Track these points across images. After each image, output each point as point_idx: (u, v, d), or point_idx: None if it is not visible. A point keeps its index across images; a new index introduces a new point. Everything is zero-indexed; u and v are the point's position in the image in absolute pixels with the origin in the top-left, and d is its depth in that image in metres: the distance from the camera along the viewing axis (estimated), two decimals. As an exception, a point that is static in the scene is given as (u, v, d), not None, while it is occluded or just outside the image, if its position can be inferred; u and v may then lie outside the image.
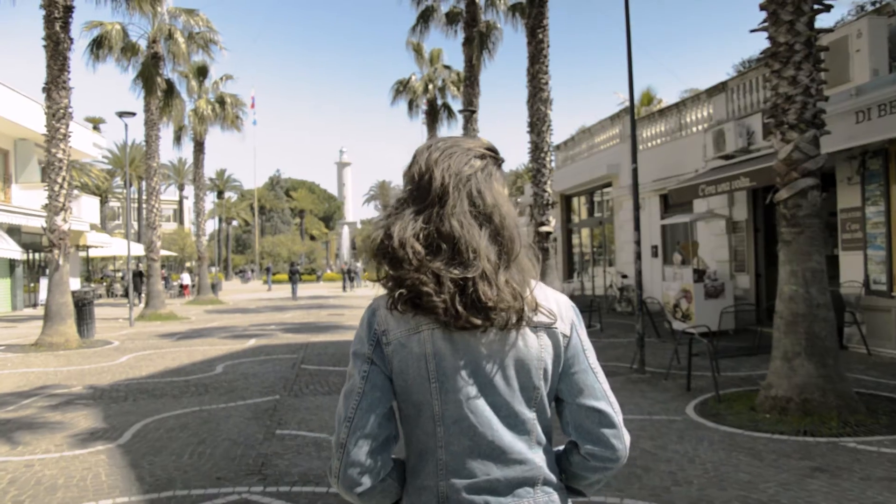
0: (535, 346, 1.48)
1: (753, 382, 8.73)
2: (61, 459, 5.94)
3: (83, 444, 6.46)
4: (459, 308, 1.40)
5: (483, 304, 1.41)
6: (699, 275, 13.85)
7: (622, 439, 1.53)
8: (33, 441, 6.60)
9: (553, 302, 1.53)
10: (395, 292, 1.45)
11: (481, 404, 1.46)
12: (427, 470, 1.49)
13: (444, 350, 1.45)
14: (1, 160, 26.61)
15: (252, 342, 14.67)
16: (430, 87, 32.05)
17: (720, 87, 15.46)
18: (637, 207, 10.07)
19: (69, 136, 14.85)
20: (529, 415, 1.49)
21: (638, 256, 9.97)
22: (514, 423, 1.48)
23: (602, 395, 1.54)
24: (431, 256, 1.43)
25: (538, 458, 1.50)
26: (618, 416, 1.54)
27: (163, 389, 9.22)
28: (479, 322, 1.41)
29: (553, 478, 1.53)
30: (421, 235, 1.44)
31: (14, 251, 22.59)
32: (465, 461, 1.46)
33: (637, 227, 9.96)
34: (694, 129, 16.78)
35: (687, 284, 13.77)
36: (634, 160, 10.06)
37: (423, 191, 1.50)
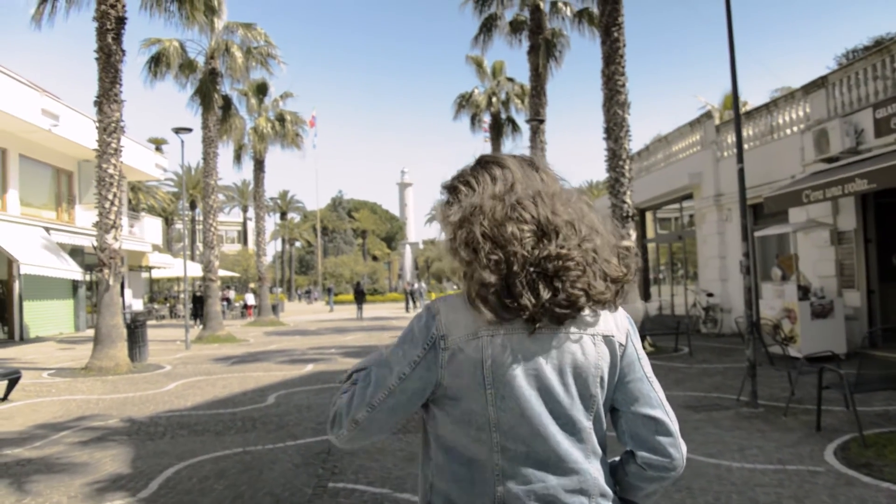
0: (592, 354, 1.48)
1: (896, 420, 7.27)
2: (70, 518, 4.94)
3: (101, 495, 5.44)
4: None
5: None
6: (804, 292, 12.29)
7: (679, 448, 1.53)
8: (46, 490, 5.62)
9: (610, 312, 1.52)
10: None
11: (538, 411, 1.44)
12: (480, 477, 1.46)
13: (500, 357, 1.43)
14: (65, 182, 26.62)
15: (309, 367, 13.68)
16: (494, 100, 31.05)
17: (819, 83, 13.88)
18: (744, 214, 8.70)
19: (120, 151, 14.23)
20: (586, 423, 1.49)
21: (747, 270, 8.57)
22: (572, 431, 1.47)
23: (658, 403, 1.54)
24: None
25: (594, 468, 1.49)
26: (674, 424, 1.53)
27: (206, 424, 8.22)
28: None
29: (608, 490, 1.51)
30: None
31: (75, 272, 22.31)
32: (521, 468, 1.45)
33: (746, 238, 8.58)
34: (787, 132, 15.21)
35: (790, 303, 12.22)
36: (740, 160, 8.71)
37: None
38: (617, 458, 1.62)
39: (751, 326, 8.53)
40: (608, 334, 1.50)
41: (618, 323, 1.54)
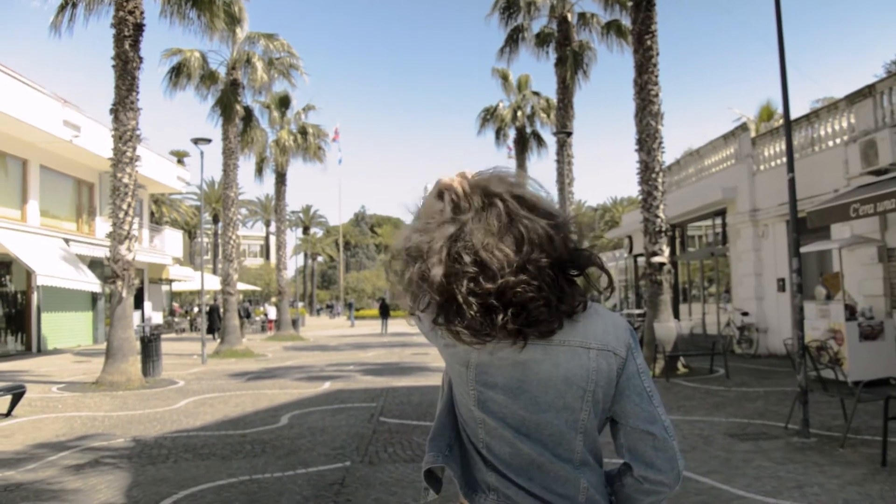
0: (585, 366, 1.44)
1: (970, 456, 6.55)
2: (48, 558, 4.41)
3: (88, 530, 4.93)
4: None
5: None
6: (850, 312, 11.55)
7: (675, 464, 1.48)
8: (30, 522, 5.12)
9: (610, 324, 1.49)
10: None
11: (523, 420, 1.44)
12: (478, 462, 1.49)
13: (486, 361, 1.44)
14: (86, 193, 26.47)
15: (327, 385, 13.13)
16: (519, 114, 30.47)
17: (865, 92, 13.17)
18: (796, 229, 8.00)
19: (136, 160, 13.88)
20: (575, 434, 1.46)
21: (799, 289, 7.88)
22: (559, 442, 1.45)
23: (656, 418, 1.48)
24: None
25: (583, 478, 1.47)
26: (672, 439, 1.48)
27: (213, 447, 7.67)
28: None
29: (599, 499, 1.48)
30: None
31: (93, 284, 22.02)
32: (507, 468, 1.45)
33: (796, 254, 7.89)
34: (830, 144, 14.50)
35: (836, 323, 11.49)
36: (791, 168, 8.03)
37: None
38: (614, 469, 1.57)
39: (801, 348, 7.84)
40: (604, 347, 1.46)
41: (618, 335, 1.49)
